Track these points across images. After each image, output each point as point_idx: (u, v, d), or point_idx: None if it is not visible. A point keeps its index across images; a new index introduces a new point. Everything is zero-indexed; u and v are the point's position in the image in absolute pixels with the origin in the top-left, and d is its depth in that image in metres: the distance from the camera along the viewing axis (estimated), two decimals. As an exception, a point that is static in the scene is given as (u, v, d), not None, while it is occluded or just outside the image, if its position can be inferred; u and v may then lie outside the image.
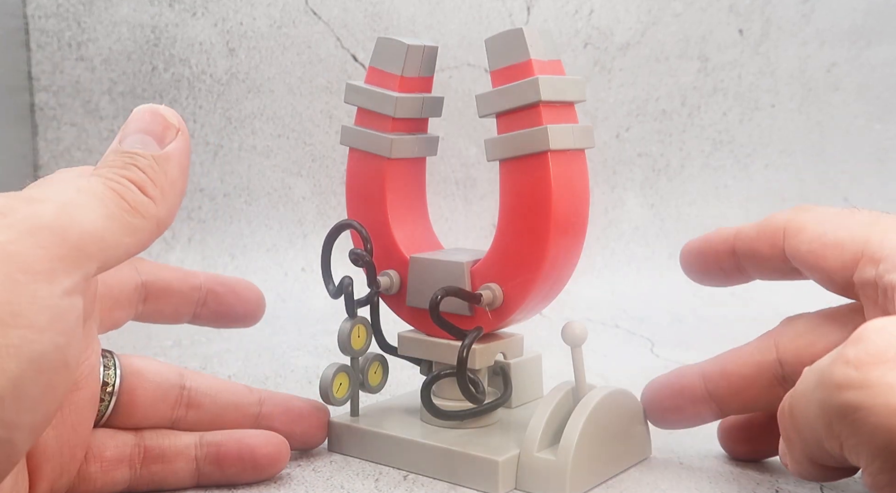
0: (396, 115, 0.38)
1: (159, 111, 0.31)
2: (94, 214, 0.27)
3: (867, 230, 0.32)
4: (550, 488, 0.35)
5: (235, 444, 0.36)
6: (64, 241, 0.26)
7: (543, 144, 0.35)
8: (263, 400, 0.38)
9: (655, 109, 0.84)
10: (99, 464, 0.34)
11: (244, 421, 0.37)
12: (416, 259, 0.39)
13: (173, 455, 0.35)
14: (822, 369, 0.26)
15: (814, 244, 0.33)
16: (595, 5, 0.83)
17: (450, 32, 0.83)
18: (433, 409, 0.38)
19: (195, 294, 0.39)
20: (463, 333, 0.37)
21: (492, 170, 0.83)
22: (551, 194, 0.35)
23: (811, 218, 0.34)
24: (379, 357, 0.41)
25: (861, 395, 0.25)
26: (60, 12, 0.80)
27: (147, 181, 0.29)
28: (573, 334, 0.36)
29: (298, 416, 0.39)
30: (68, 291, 0.25)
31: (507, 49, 0.36)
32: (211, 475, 0.36)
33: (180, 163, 0.30)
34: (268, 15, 0.82)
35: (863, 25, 0.83)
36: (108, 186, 0.28)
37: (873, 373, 0.24)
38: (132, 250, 0.28)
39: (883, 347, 0.25)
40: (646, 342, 0.64)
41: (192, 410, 0.36)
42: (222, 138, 0.82)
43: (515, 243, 0.37)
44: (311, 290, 0.75)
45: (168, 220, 0.30)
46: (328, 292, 0.39)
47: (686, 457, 0.40)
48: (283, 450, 0.37)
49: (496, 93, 0.36)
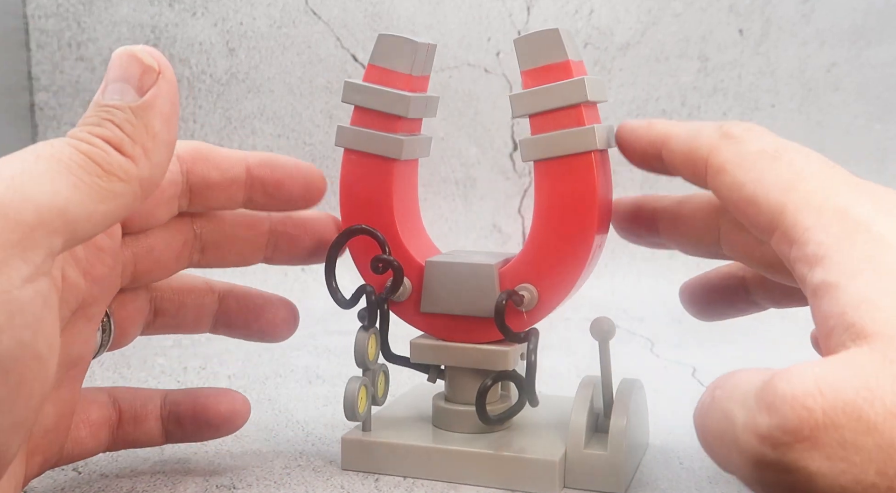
0: (410, 115, 0.37)
1: (136, 53, 0.27)
2: (53, 185, 0.24)
3: (784, 196, 0.27)
4: (604, 483, 0.35)
5: (191, 403, 0.36)
6: (17, 224, 0.23)
7: (589, 144, 0.35)
8: (223, 296, 0.38)
9: (655, 109, 0.84)
10: (88, 428, 0.34)
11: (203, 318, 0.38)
12: (434, 263, 0.38)
13: (145, 416, 0.36)
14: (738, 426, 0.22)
15: (732, 193, 0.29)
16: (595, 5, 0.83)
17: (450, 32, 0.82)
18: (485, 416, 0.37)
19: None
20: (518, 336, 0.37)
21: (492, 170, 0.83)
22: (596, 194, 0.35)
23: (731, 156, 0.29)
24: (384, 368, 0.40)
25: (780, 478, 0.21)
26: (60, 12, 0.80)
27: (124, 139, 0.26)
28: (601, 330, 0.37)
29: (254, 313, 0.38)
30: (27, 277, 0.23)
31: (543, 49, 0.35)
32: (175, 434, 0.36)
33: (163, 112, 0.27)
34: (268, 15, 0.82)
35: (863, 25, 0.83)
36: (77, 148, 0.25)
37: (789, 456, 0.21)
38: (111, 217, 0.26)
39: (796, 422, 0.21)
40: (646, 342, 0.64)
41: (159, 316, 0.37)
42: (222, 138, 0.82)
43: (555, 243, 0.36)
44: (311, 290, 0.75)
45: (155, 178, 0.27)
46: (336, 301, 0.38)
47: (686, 457, 0.40)
48: (239, 408, 0.37)
49: (534, 93, 0.36)
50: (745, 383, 0.23)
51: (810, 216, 0.26)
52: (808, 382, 0.21)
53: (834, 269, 0.24)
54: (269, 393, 0.50)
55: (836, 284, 0.24)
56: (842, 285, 0.23)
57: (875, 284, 0.23)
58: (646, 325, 0.69)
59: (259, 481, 0.37)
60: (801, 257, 0.25)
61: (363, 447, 0.38)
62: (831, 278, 0.24)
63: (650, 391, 0.42)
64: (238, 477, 0.37)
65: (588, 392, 0.37)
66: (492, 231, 0.83)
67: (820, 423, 0.20)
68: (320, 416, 0.46)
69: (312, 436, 0.43)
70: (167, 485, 0.36)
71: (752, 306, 0.39)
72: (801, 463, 0.21)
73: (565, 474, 0.36)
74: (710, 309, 0.40)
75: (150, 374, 0.55)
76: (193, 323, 0.38)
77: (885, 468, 0.20)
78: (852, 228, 0.25)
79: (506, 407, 0.38)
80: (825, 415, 0.20)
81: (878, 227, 0.24)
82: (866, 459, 0.20)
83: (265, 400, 0.49)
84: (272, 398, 0.49)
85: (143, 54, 0.27)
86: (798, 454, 0.21)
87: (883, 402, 0.20)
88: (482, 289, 0.37)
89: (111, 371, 0.55)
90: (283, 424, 0.45)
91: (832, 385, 0.21)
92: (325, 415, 0.46)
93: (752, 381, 0.23)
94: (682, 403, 0.47)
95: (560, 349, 0.62)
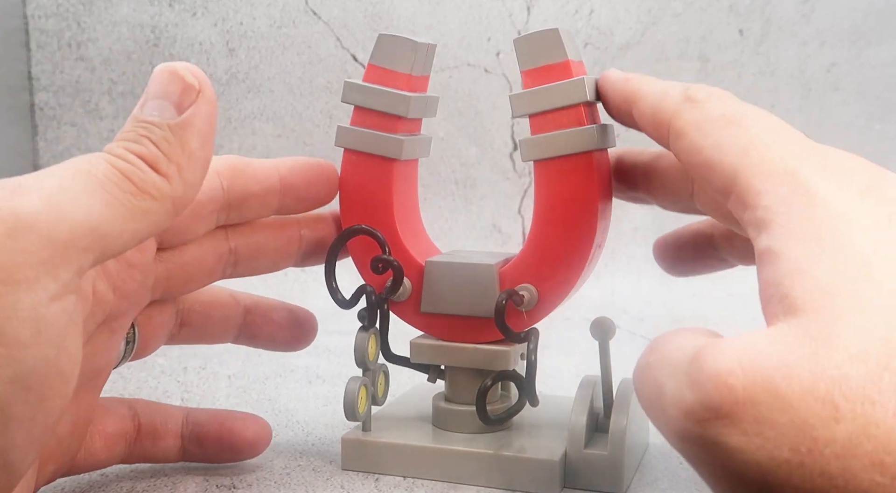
0: (410, 115, 0.37)
1: (177, 71, 0.27)
2: (88, 201, 0.24)
3: (739, 160, 0.26)
4: (604, 483, 0.35)
5: (217, 426, 0.36)
6: (49, 240, 0.23)
7: (590, 143, 0.35)
8: (249, 309, 0.38)
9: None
10: (103, 440, 0.34)
11: (228, 331, 0.38)
12: (435, 263, 0.38)
13: (164, 432, 0.36)
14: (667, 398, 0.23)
15: (691, 157, 0.28)
16: (595, 5, 0.83)
17: (450, 32, 0.82)
18: (485, 416, 0.37)
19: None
20: (518, 336, 0.37)
21: (492, 170, 0.83)
22: (597, 193, 0.35)
23: (692, 120, 0.29)
24: (384, 368, 0.40)
25: (701, 452, 0.22)
26: (60, 12, 0.80)
27: (160, 156, 0.26)
28: (602, 329, 0.37)
29: (279, 326, 0.38)
30: (55, 295, 0.23)
31: (543, 49, 0.35)
32: (193, 454, 0.36)
33: (201, 131, 0.27)
34: (268, 15, 0.82)
35: (863, 25, 0.83)
36: (113, 164, 0.25)
37: (709, 431, 0.21)
38: (142, 235, 0.26)
39: (717, 397, 0.21)
40: (646, 342, 0.64)
41: (184, 328, 0.37)
42: (222, 138, 0.82)
43: (555, 243, 0.36)
44: (311, 290, 0.75)
45: (187, 198, 0.27)
46: (336, 301, 0.38)
47: (686, 457, 0.40)
48: (263, 433, 0.37)
49: (534, 93, 0.36)
50: (677, 352, 0.23)
51: (761, 180, 0.25)
52: (731, 358, 0.21)
53: (776, 234, 0.24)
54: (269, 393, 0.50)
55: (777, 250, 0.23)
56: (781, 251, 0.23)
57: (812, 251, 0.23)
58: (646, 325, 0.69)
59: (259, 481, 0.37)
60: (751, 220, 0.25)
61: (363, 447, 0.38)
62: (774, 244, 0.24)
63: (650, 391, 0.42)
64: (238, 477, 0.37)
65: (588, 392, 0.37)
66: (492, 231, 0.83)
67: (740, 400, 0.21)
68: (320, 416, 0.46)
69: (312, 436, 0.43)
70: (167, 485, 0.36)
71: (721, 263, 0.40)
72: (720, 439, 0.21)
73: (565, 474, 0.36)
74: (681, 265, 0.41)
75: (150, 374, 0.55)
76: (218, 335, 0.38)
77: (798, 444, 0.20)
78: (799, 192, 0.24)
79: (506, 407, 0.38)
80: (745, 391, 0.21)
81: (824, 191, 0.24)
82: (781, 435, 0.20)
83: (265, 400, 0.49)
84: (272, 398, 0.49)
85: (184, 72, 0.27)
86: (717, 429, 0.21)
87: (800, 380, 0.20)
88: (482, 289, 0.37)
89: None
90: (283, 424, 0.45)
91: (754, 362, 0.21)
92: (325, 415, 0.46)
93: (685, 350, 0.23)
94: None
95: (560, 349, 0.62)
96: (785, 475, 0.20)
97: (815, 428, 0.20)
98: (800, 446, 0.20)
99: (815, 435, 0.20)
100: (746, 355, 0.21)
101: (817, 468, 0.20)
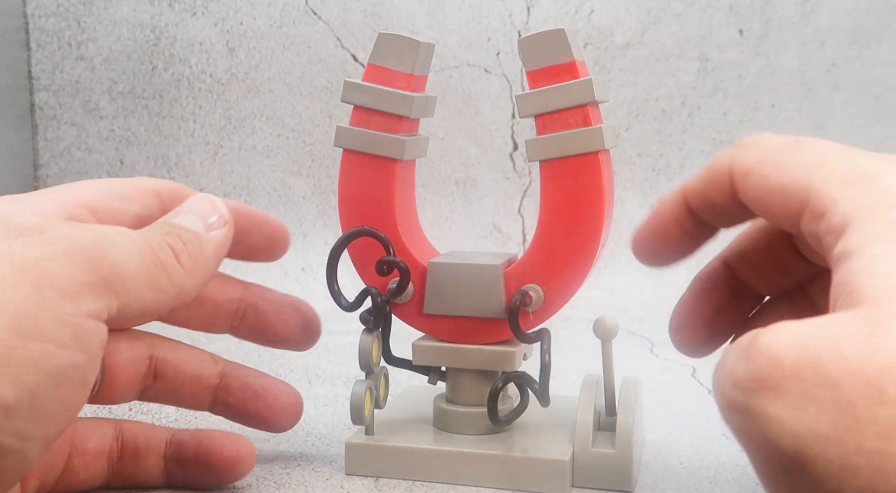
0: (412, 115, 0.37)
1: (215, 202, 0.32)
2: (128, 256, 0.28)
3: (809, 176, 0.27)
4: (613, 481, 0.36)
5: (195, 445, 0.35)
6: (96, 269, 0.26)
7: (597, 144, 0.35)
8: (225, 373, 0.37)
9: (655, 109, 0.84)
10: (82, 458, 0.34)
11: (203, 395, 0.37)
12: (439, 264, 0.38)
13: (146, 452, 0.35)
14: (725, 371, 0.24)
15: (760, 190, 0.28)
16: (595, 5, 0.83)
17: (450, 32, 0.82)
18: (496, 417, 0.37)
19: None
20: (529, 336, 0.36)
21: (492, 170, 0.83)
22: (603, 193, 0.35)
23: (754, 157, 0.29)
24: (385, 370, 0.39)
25: (742, 421, 0.23)
26: (60, 12, 0.80)
27: (184, 250, 0.30)
28: (605, 328, 0.37)
29: (253, 394, 0.37)
30: (93, 313, 0.26)
31: (549, 49, 0.35)
32: (176, 475, 0.35)
33: (218, 249, 0.31)
34: (268, 15, 0.82)
35: (863, 25, 0.83)
36: (147, 241, 0.29)
37: (753, 401, 0.22)
38: (150, 306, 0.29)
39: (766, 370, 0.22)
40: (646, 342, 0.64)
41: (157, 380, 0.36)
42: (222, 138, 0.82)
43: (562, 243, 0.36)
44: (311, 290, 0.75)
45: (190, 293, 0.30)
46: (339, 304, 0.37)
47: (686, 457, 0.40)
48: (243, 452, 0.35)
49: (542, 93, 0.36)
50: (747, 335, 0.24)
51: (837, 189, 0.26)
52: (785, 336, 0.22)
53: (853, 236, 0.24)
54: (269, 393, 0.50)
55: (853, 251, 0.24)
56: (857, 252, 0.24)
57: (888, 252, 0.23)
58: (646, 325, 0.69)
59: (259, 481, 0.37)
60: (828, 228, 0.25)
61: (368, 452, 0.37)
62: (850, 246, 0.24)
63: (650, 391, 0.42)
64: (238, 477, 0.37)
65: (592, 391, 0.37)
66: (492, 231, 0.83)
67: (787, 374, 0.22)
68: (320, 416, 0.46)
69: (312, 436, 0.43)
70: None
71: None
72: (763, 409, 0.22)
73: (574, 473, 0.36)
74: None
75: (150, 374, 0.55)
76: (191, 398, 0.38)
77: (838, 421, 0.21)
78: (880, 196, 0.25)
79: (510, 407, 0.38)
80: (792, 366, 0.22)
81: None
82: (822, 411, 0.21)
83: (265, 400, 0.49)
84: (272, 398, 0.49)
85: (220, 205, 0.32)
86: (761, 400, 0.22)
87: (848, 360, 0.21)
88: (487, 290, 0.37)
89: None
90: (284, 424, 0.45)
91: (806, 342, 0.22)
92: (325, 415, 0.46)
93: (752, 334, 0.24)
94: (681, 403, 0.47)
95: (560, 349, 0.61)
96: (821, 448, 0.21)
97: (858, 408, 0.21)
98: (840, 422, 0.21)
99: (857, 414, 0.21)
100: (800, 334, 0.22)
101: (854, 445, 0.21)
